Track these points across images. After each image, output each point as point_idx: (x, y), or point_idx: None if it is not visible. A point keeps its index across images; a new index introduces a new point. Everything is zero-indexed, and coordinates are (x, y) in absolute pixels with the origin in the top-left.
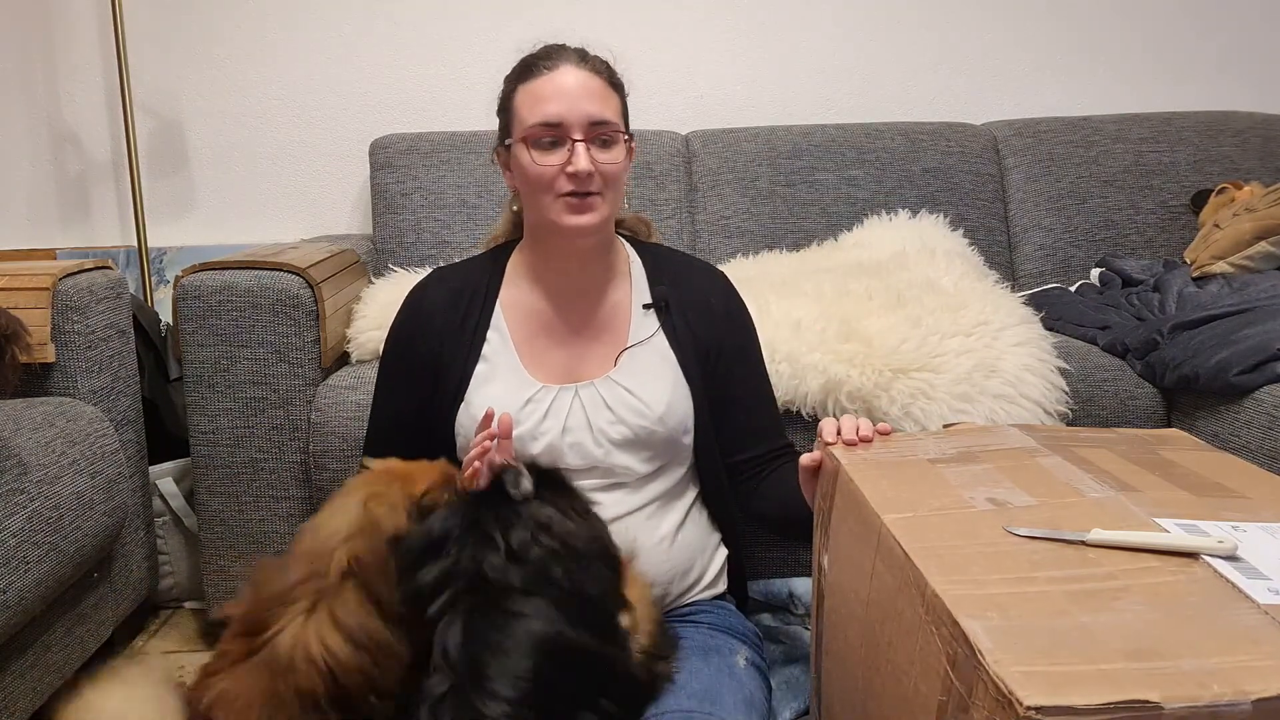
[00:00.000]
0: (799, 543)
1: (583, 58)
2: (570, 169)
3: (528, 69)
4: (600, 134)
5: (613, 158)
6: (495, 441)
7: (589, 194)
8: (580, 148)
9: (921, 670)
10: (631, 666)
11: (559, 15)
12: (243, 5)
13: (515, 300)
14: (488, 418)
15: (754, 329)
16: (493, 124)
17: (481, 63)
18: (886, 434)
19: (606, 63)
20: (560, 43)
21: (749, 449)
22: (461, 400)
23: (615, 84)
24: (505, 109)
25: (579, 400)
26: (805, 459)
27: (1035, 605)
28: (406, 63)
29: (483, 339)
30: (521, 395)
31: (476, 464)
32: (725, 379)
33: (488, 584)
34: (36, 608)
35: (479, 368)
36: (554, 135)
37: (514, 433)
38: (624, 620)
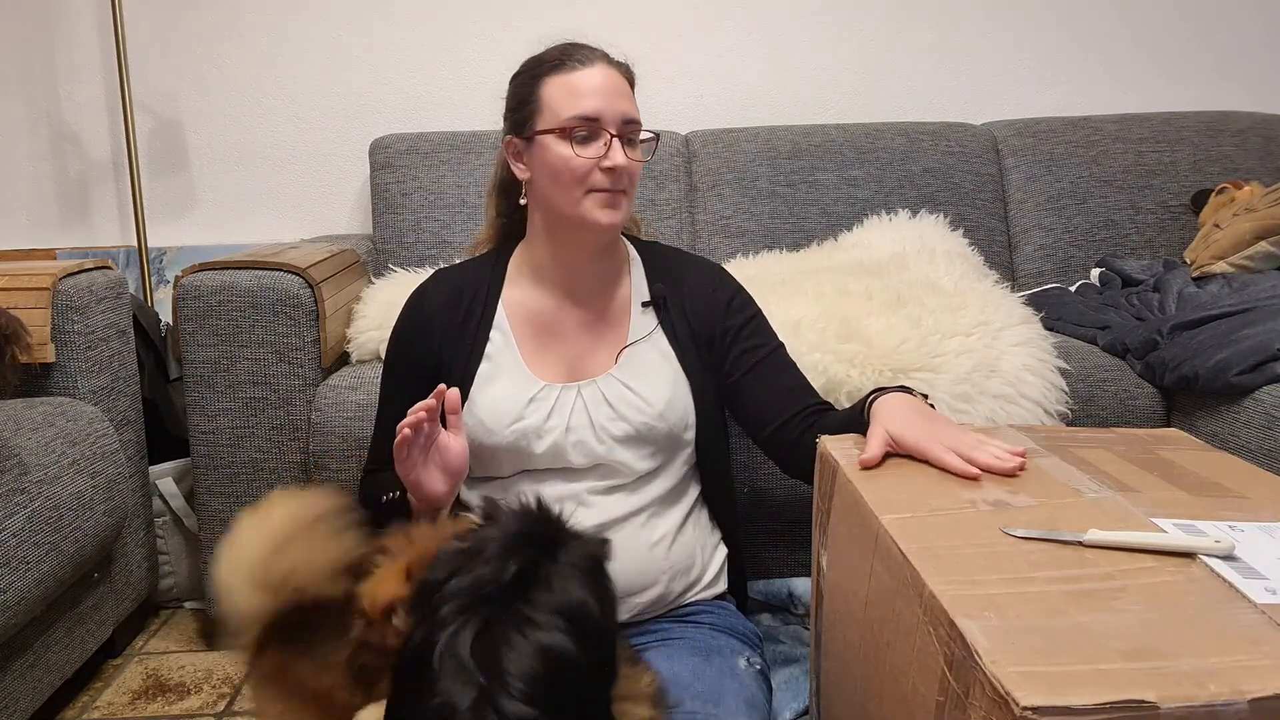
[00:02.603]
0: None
1: (609, 59)
2: (607, 164)
3: (559, 63)
4: (631, 132)
5: (639, 157)
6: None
7: (620, 190)
8: (617, 144)
9: (919, 670)
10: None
11: (559, 15)
12: (243, 5)
13: (517, 299)
14: (439, 393)
15: (759, 311)
16: (493, 124)
17: (482, 63)
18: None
19: (628, 65)
20: (582, 41)
21: (788, 408)
22: (465, 400)
23: (633, 86)
24: (527, 100)
25: (581, 398)
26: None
27: (1033, 605)
28: (406, 63)
29: (485, 338)
30: (525, 394)
31: (407, 431)
32: (741, 355)
33: (505, 598)
34: (36, 608)
35: (482, 367)
36: (590, 129)
37: (519, 428)
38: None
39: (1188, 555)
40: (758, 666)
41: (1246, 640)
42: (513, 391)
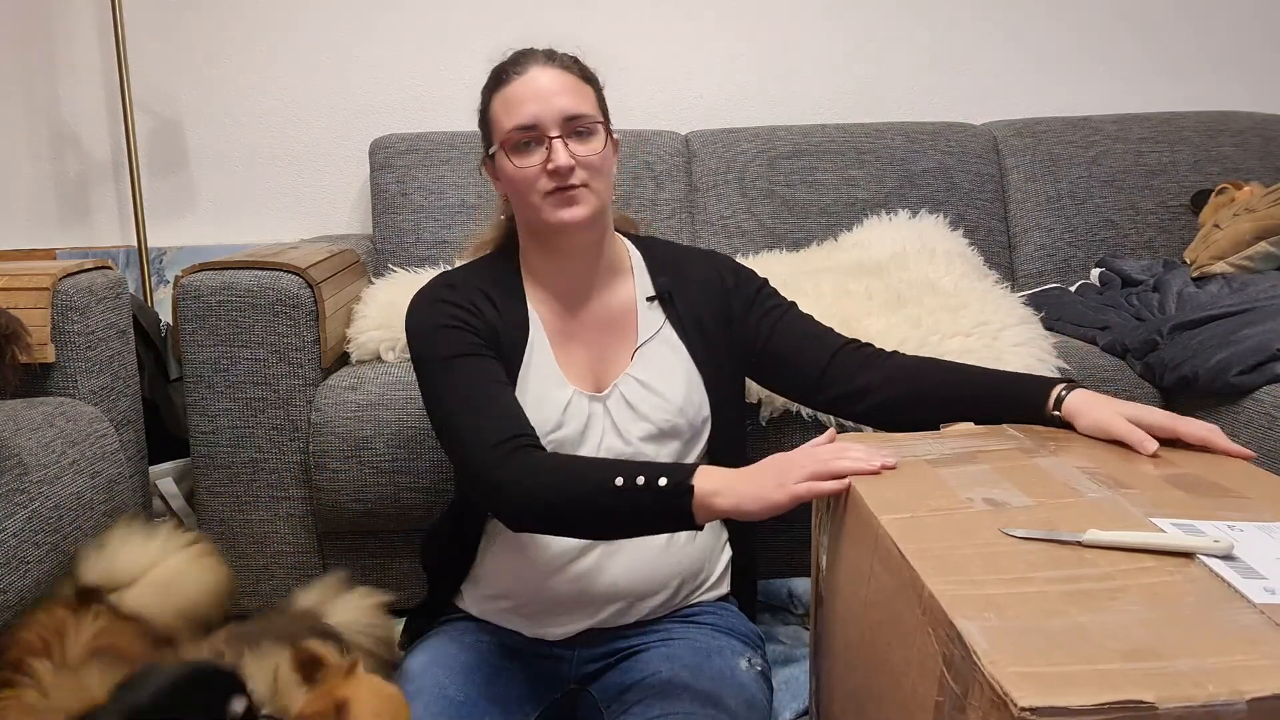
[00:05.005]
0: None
1: (550, 56)
2: (550, 166)
3: (499, 77)
4: (576, 127)
5: (592, 149)
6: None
7: (573, 187)
8: (558, 144)
9: (919, 671)
10: None
11: (558, 15)
12: (243, 5)
13: (536, 304)
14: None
15: (767, 281)
16: None
17: (481, 63)
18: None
19: (575, 58)
20: (528, 47)
21: (831, 344)
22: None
23: (587, 77)
24: (484, 121)
25: (605, 406)
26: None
27: (1031, 606)
28: (406, 63)
29: (525, 334)
30: (560, 398)
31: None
32: (763, 317)
33: None
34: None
35: (525, 360)
36: (530, 137)
37: (557, 438)
38: None
39: (1186, 555)
40: (759, 668)
41: (1245, 640)
42: (548, 395)
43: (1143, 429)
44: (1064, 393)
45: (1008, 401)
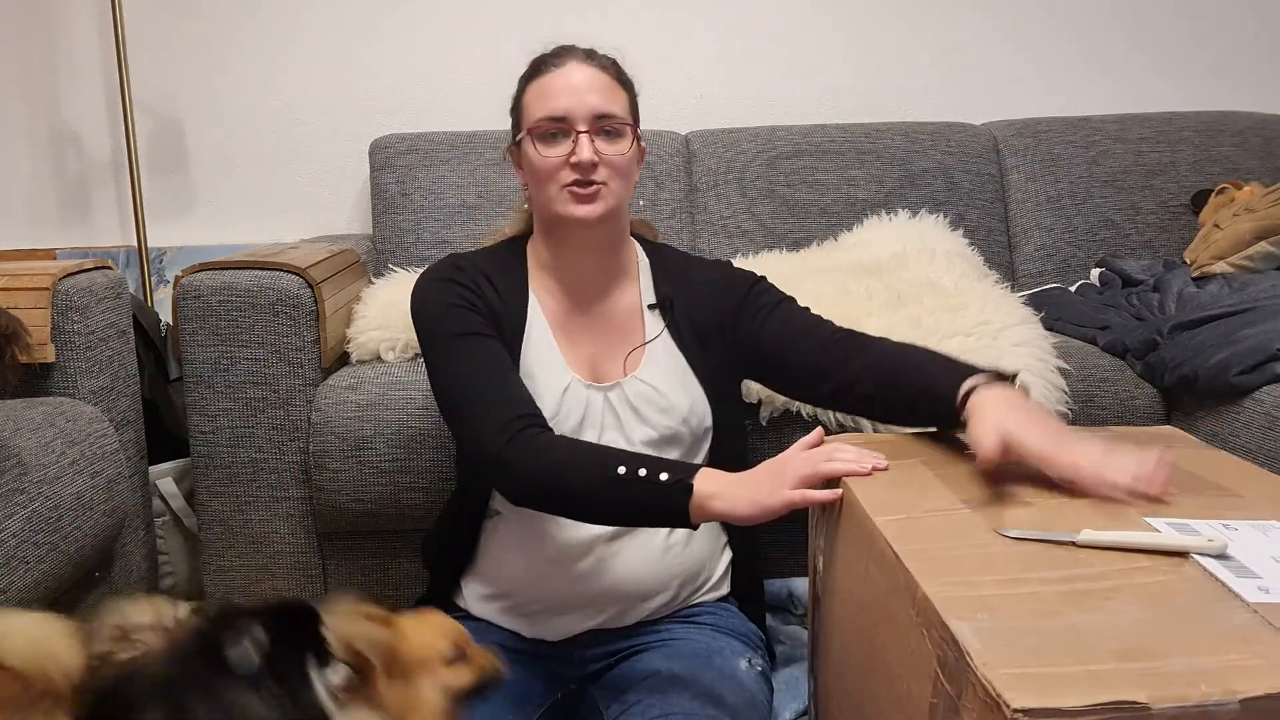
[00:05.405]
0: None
1: (589, 55)
2: (574, 159)
3: (537, 68)
4: (605, 126)
5: (618, 150)
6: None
7: (592, 183)
8: (584, 139)
9: (913, 672)
10: None
11: (560, 16)
12: (243, 5)
13: (540, 292)
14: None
15: (764, 278)
16: (493, 124)
17: (482, 63)
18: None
19: (613, 60)
20: (570, 43)
21: (821, 330)
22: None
23: (623, 81)
24: (515, 109)
25: (608, 400)
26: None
27: (1026, 606)
28: (406, 63)
29: (525, 319)
30: (559, 384)
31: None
32: (756, 312)
33: None
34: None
35: (525, 343)
36: (559, 128)
37: (555, 426)
38: None
39: (1181, 554)
40: (759, 668)
41: (1238, 639)
42: (547, 381)
43: (1015, 452)
44: (975, 394)
45: (931, 408)
